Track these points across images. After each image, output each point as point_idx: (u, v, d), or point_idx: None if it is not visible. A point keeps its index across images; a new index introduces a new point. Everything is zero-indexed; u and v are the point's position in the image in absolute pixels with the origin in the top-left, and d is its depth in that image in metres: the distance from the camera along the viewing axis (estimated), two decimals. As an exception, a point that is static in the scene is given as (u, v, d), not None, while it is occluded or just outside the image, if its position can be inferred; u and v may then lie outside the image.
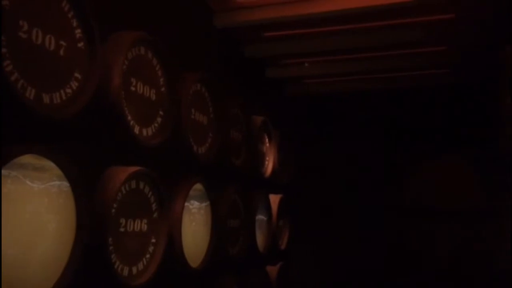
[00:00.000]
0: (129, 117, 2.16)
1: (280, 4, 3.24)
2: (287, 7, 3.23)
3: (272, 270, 4.22)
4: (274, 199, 4.30)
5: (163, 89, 2.48)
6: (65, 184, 1.77)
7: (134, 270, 2.18)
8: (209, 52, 3.46)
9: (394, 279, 4.71)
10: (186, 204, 2.63)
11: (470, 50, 3.72)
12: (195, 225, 2.79)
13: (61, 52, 1.78)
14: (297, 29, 3.67)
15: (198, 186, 2.82)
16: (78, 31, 1.87)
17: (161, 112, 2.45)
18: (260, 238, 3.84)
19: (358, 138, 5.23)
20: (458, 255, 2.82)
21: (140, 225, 2.23)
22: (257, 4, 3.26)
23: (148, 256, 2.28)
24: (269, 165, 4.18)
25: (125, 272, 2.11)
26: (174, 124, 2.53)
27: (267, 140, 4.20)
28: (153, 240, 2.33)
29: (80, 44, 1.88)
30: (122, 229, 2.11)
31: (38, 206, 1.66)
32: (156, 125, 2.41)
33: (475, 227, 2.58)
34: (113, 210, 2.04)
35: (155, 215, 2.36)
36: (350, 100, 5.06)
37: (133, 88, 2.21)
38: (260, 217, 3.92)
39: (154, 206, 2.36)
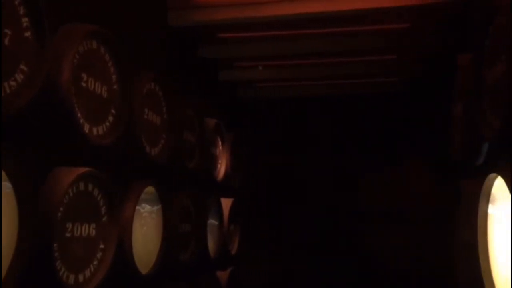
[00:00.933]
0: (79, 115, 2.03)
1: (236, 5, 3.19)
2: (243, 8, 3.19)
3: (223, 275, 4.15)
4: (226, 203, 4.23)
5: (115, 86, 2.36)
6: (8, 185, 1.63)
7: (81, 277, 2.05)
8: (164, 51, 3.35)
9: (346, 283, 4.77)
10: (137, 207, 2.51)
11: (422, 59, 3.84)
12: (146, 229, 2.68)
13: (6, 42, 1.64)
14: (253, 31, 3.65)
15: (150, 189, 2.71)
16: (25, 19, 1.73)
17: (113, 111, 2.33)
18: (211, 243, 3.76)
19: (311, 143, 5.26)
20: (410, 260, 2.88)
21: (88, 229, 2.10)
22: (213, 4, 3.20)
23: (96, 262, 2.15)
24: (222, 168, 4.12)
25: (71, 279, 1.98)
26: (126, 124, 2.42)
27: (220, 143, 4.14)
28: (102, 246, 2.20)
29: (27, 34, 1.74)
30: (68, 234, 1.98)
31: (-25, 208, 1.51)
32: (107, 124, 2.28)
33: (427, 232, 2.65)
34: (59, 214, 1.90)
35: (104, 219, 2.23)
36: (303, 105, 5.09)
37: (84, 84, 2.09)
38: (212, 221, 3.85)
39: (103, 209, 2.23)
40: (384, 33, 3.65)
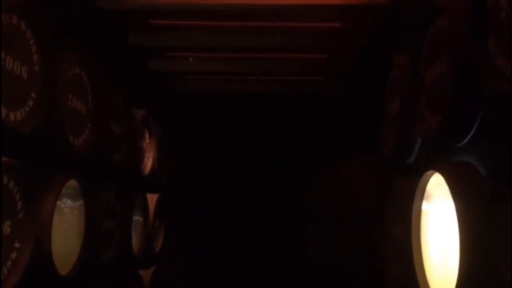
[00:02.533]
0: (-6, 97, 1.79)
1: (169, -9, 3.04)
2: (176, -6, 3.05)
3: (146, 274, 3.97)
4: (151, 199, 4.06)
5: (36, 67, 2.12)
6: None
7: (-9, 281, 1.81)
8: (92, 35, 3.11)
9: (278, 281, 4.78)
10: (57, 202, 2.29)
11: (354, 59, 3.92)
12: (66, 226, 2.45)
13: None
14: (186, 20, 3.51)
15: (72, 182, 2.48)
16: None
17: (33, 95, 2.09)
18: (135, 240, 3.57)
19: (241, 139, 5.20)
20: (346, 257, 2.93)
21: (1, 227, 1.87)
22: (145, -12, 3.03)
23: (9, 264, 1.92)
24: (148, 162, 3.93)
25: (-20, 284, 1.74)
26: (48, 110, 2.19)
27: (147, 136, 3.95)
28: (17, 245, 1.97)
29: None
30: (-23, 232, 1.74)
31: None
32: (26, 109, 2.05)
33: (364, 229, 2.69)
34: (-32, 209, 1.66)
35: (20, 215, 2.00)
36: (235, 100, 5.00)
37: (1, 62, 1.84)
38: (136, 217, 3.65)
39: (19, 204, 2.00)
40: (316, 31, 3.67)
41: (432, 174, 1.83)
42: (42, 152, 2.29)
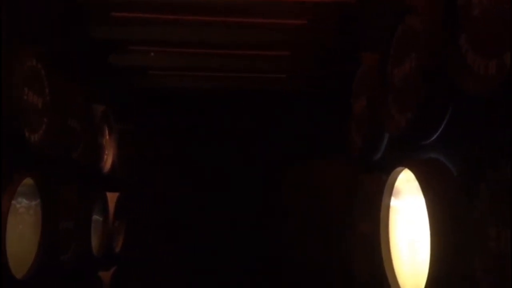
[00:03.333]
0: None
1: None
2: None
3: (105, 275, 3.84)
4: (111, 198, 3.93)
5: (-10, 59, 1.99)
6: None
7: None
8: (50, 27, 2.96)
9: (247, 280, 4.73)
10: (12, 202, 2.15)
11: (320, 57, 3.93)
12: (22, 227, 2.32)
13: None
14: (148, 13, 3.40)
15: (28, 180, 2.35)
16: None
17: (-14, 87, 1.96)
18: (94, 241, 3.44)
19: (202, 136, 5.12)
20: (316, 255, 2.92)
21: (-50, 228, 1.74)
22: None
23: (-40, 268, 1.79)
24: (108, 160, 3.80)
25: None
26: (2, 103, 2.06)
27: (107, 132, 3.82)
28: (-32, 248, 1.84)
29: None
30: None
31: None
32: (-22, 102, 1.91)
33: (333, 228, 2.69)
34: None
35: (-28, 215, 1.87)
36: (198, 97, 4.91)
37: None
38: (96, 217, 3.52)
39: (-29, 204, 1.87)
40: (281, 27, 3.65)
41: (401, 171, 1.84)
42: (-4, 148, 2.16)
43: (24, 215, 2.34)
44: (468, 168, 1.56)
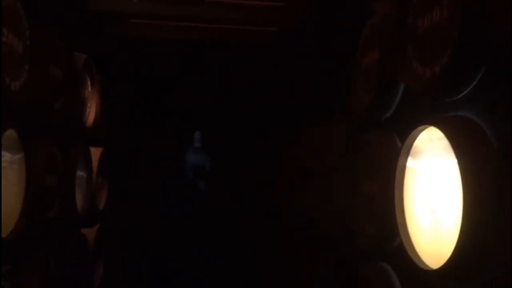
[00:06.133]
0: None
1: None
2: None
3: (90, 232, 3.70)
4: (94, 153, 3.73)
5: (-35, -9, 1.74)
6: None
7: None
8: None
9: (228, 238, 4.67)
10: (-5, 155, 1.96)
11: (314, 8, 3.71)
12: (5, 183, 2.13)
13: None
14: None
15: (10, 132, 2.14)
16: None
17: (-38, 25, 1.72)
18: (79, 198, 3.27)
19: (187, 90, 4.89)
20: (320, 214, 2.84)
21: None
22: None
23: None
24: (91, 113, 3.58)
25: None
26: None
27: (89, 83, 3.57)
28: (-51, 205, 1.65)
29: None
30: None
31: None
32: (-46, 42, 1.68)
33: (337, 186, 2.60)
34: None
35: (-49, 170, 1.67)
36: (184, 49, 4.64)
37: None
38: (79, 173, 3.34)
39: (-50, 157, 1.67)
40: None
41: (424, 129, 1.73)
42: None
43: (7, 170, 2.15)
44: (502, 128, 1.45)
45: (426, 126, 1.69)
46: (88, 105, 3.55)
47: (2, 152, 2.09)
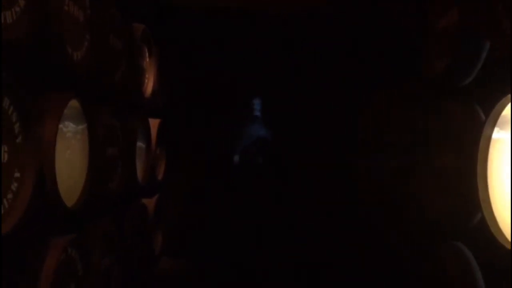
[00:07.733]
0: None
1: None
2: None
3: (149, 202, 3.75)
4: (153, 124, 3.74)
5: (27, -42, 1.70)
6: None
7: (-10, 216, 1.53)
8: None
9: (283, 203, 4.57)
10: (59, 125, 1.96)
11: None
12: (70, 153, 2.14)
13: None
14: None
15: (73, 102, 2.14)
16: None
17: (24, -7, 1.69)
18: (139, 169, 3.29)
19: (251, 61, 4.69)
20: (395, 188, 2.71)
21: (-3, 153, 1.55)
22: None
23: (10, 196, 1.62)
24: (149, 84, 3.57)
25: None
26: (42, 13, 1.80)
27: (147, 54, 3.55)
28: (17, 175, 1.67)
29: None
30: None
31: None
32: (17, 9, 1.66)
33: (414, 159, 2.44)
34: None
35: (18, 139, 1.68)
36: (244, 18, 4.45)
37: None
38: (139, 144, 3.35)
39: (17, 127, 1.67)
40: None
41: (514, 97, 1.54)
42: (37, 65, 1.92)
43: (72, 140, 2.16)
44: None
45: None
46: (147, 76, 3.54)
47: (67, 122, 2.09)
